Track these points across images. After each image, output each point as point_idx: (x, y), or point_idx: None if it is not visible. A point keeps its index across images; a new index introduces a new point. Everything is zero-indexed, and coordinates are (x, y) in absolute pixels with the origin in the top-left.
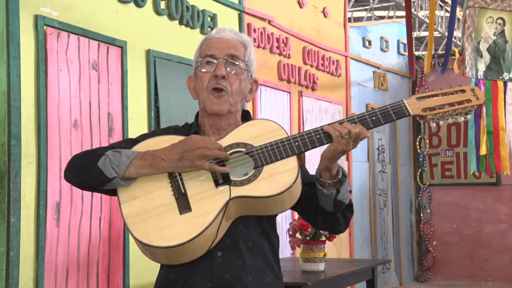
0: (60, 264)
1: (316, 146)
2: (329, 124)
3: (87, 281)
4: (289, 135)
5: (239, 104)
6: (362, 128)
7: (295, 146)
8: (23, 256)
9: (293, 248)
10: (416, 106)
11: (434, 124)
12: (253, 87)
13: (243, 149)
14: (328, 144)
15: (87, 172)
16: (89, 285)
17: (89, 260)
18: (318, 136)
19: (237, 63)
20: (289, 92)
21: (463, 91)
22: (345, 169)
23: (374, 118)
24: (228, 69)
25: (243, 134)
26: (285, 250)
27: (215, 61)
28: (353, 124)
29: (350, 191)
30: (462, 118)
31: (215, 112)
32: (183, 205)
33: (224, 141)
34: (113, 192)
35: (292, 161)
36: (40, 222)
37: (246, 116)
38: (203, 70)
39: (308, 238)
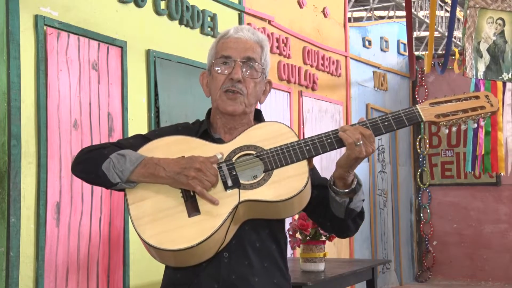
0: (60, 264)
1: (327, 151)
2: (342, 129)
3: (87, 281)
4: (299, 138)
5: (254, 106)
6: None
7: (305, 150)
8: (23, 256)
9: (293, 248)
10: (430, 112)
11: (447, 131)
12: (267, 88)
13: (253, 152)
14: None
15: (93, 171)
16: (89, 285)
17: (89, 260)
18: (329, 140)
19: (253, 66)
20: (289, 92)
21: (477, 97)
22: (360, 178)
23: (386, 123)
24: (244, 71)
25: (253, 136)
26: None
27: (231, 62)
28: (364, 127)
29: (363, 200)
30: (476, 125)
31: (229, 113)
32: (192, 207)
33: (234, 143)
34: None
35: (303, 165)
36: (40, 222)
37: (258, 116)
38: (218, 70)
39: (308, 238)
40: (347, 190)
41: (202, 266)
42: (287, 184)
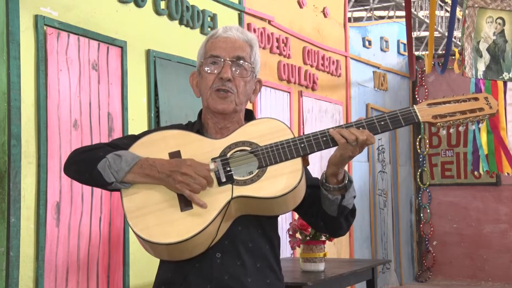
0: (60, 264)
1: (322, 149)
2: (336, 128)
3: (87, 281)
4: (295, 135)
5: (244, 105)
6: (369, 135)
7: (300, 147)
8: (23, 256)
9: (293, 248)
10: (427, 113)
11: (444, 132)
12: (257, 87)
13: (248, 148)
14: (335, 149)
15: (87, 172)
16: (89, 285)
17: (89, 260)
18: (324, 138)
19: (243, 65)
20: (289, 92)
21: (476, 98)
22: (350, 175)
23: (382, 123)
24: (233, 70)
25: (249, 132)
26: (285, 250)
27: (220, 62)
28: (360, 130)
29: (354, 197)
30: (474, 127)
31: (220, 112)
32: (185, 202)
33: (230, 139)
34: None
35: (297, 162)
36: (40, 222)
37: (249, 116)
38: (207, 70)
39: (308, 238)
40: (340, 186)
41: (195, 266)
42: (281, 181)
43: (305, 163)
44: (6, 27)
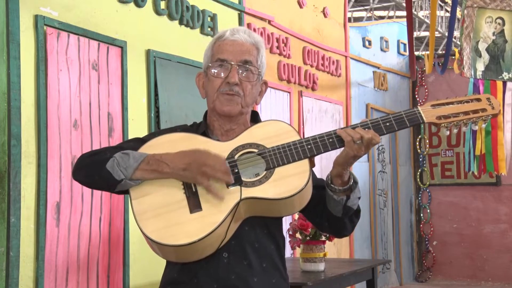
0: (60, 264)
1: (329, 150)
2: (342, 128)
3: (87, 281)
4: (301, 137)
5: (250, 107)
6: (374, 134)
7: (307, 149)
8: (23, 256)
9: (293, 248)
10: (431, 114)
11: (448, 133)
12: (263, 89)
13: (255, 150)
14: (341, 150)
15: (96, 173)
16: (89, 285)
17: (89, 260)
18: (331, 140)
19: (249, 68)
20: (289, 92)
21: (478, 99)
22: (356, 176)
23: (387, 124)
24: (240, 73)
25: (256, 134)
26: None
27: (227, 66)
28: (365, 130)
29: (359, 197)
30: (477, 127)
31: (226, 113)
32: (194, 204)
33: (237, 141)
34: (125, 191)
35: (304, 164)
36: (40, 222)
37: (254, 117)
38: (214, 73)
39: (308, 238)
40: (345, 187)
41: (202, 266)
42: (288, 182)
43: (311, 164)
44: (6, 27)
